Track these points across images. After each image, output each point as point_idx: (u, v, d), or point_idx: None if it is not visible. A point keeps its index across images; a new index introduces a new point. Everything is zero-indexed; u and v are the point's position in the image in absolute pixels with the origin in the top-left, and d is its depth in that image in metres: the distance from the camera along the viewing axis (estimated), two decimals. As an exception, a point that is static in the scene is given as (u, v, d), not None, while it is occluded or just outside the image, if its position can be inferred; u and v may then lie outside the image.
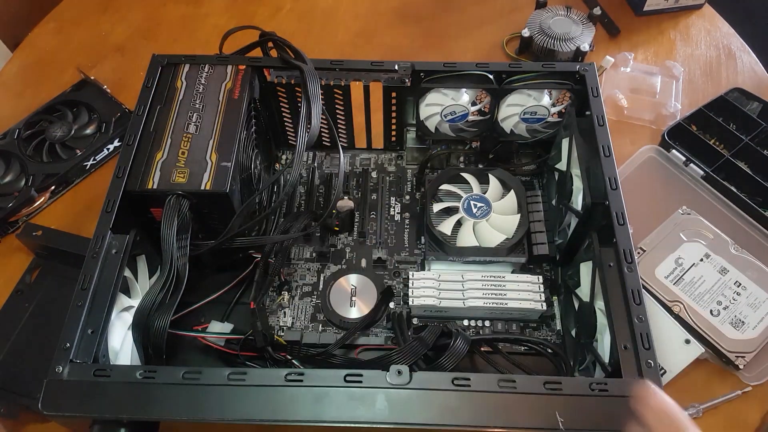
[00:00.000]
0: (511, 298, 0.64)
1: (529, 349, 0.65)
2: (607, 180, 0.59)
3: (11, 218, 0.78)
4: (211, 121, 0.64)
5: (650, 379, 0.48)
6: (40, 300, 0.71)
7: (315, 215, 0.72)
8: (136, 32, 1.02)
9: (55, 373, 0.49)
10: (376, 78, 0.70)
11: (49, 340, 0.50)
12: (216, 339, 0.64)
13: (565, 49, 0.91)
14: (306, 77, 0.66)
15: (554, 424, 0.46)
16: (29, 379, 0.64)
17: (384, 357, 0.56)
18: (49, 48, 1.00)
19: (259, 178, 0.73)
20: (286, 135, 0.81)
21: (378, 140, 0.80)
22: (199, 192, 0.60)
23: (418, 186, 0.78)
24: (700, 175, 0.79)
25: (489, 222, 0.69)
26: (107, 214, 0.58)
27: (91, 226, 0.57)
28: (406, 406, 0.47)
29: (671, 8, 1.02)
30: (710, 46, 0.98)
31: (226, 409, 0.47)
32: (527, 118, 0.71)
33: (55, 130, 0.84)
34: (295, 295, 0.69)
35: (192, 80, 0.68)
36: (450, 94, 0.69)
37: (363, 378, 0.48)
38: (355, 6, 1.05)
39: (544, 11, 0.96)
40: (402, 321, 0.64)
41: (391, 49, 0.99)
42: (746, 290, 0.69)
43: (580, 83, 0.68)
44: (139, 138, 0.63)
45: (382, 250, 0.72)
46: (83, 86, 0.90)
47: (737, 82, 0.92)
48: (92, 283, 0.53)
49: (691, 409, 0.64)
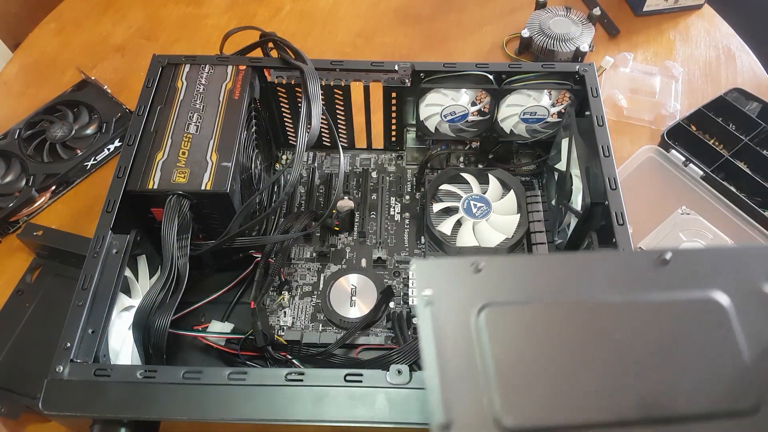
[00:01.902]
0: (511, 298, 0.64)
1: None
2: (607, 180, 0.59)
3: (12, 218, 0.78)
4: (211, 122, 0.64)
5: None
6: (40, 300, 0.71)
7: (315, 215, 0.72)
8: (137, 32, 1.02)
9: (55, 372, 0.49)
10: (376, 78, 0.70)
11: (49, 340, 0.50)
12: (216, 339, 0.64)
13: (565, 50, 0.91)
14: (306, 77, 0.66)
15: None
16: (30, 379, 0.64)
17: (384, 357, 0.56)
18: (49, 48, 1.00)
19: (260, 178, 0.73)
20: (286, 135, 0.81)
21: (378, 140, 0.80)
22: (199, 192, 0.60)
23: (418, 186, 0.78)
24: (699, 175, 0.79)
25: (489, 222, 0.69)
26: (108, 214, 0.58)
27: (91, 226, 0.57)
28: (406, 405, 0.47)
29: (671, 8, 1.02)
30: (710, 47, 0.98)
31: (226, 408, 0.47)
32: (527, 119, 0.71)
33: (56, 130, 0.84)
34: (295, 295, 0.70)
35: (192, 80, 0.68)
36: (450, 94, 0.70)
37: (363, 378, 0.48)
38: (355, 6, 1.05)
39: (544, 12, 0.97)
40: (402, 321, 0.64)
41: (391, 49, 0.99)
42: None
43: (580, 83, 0.68)
44: (140, 138, 0.63)
45: (382, 250, 0.72)
46: (84, 86, 0.90)
47: (737, 82, 0.92)
48: (93, 283, 0.54)
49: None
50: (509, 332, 0.36)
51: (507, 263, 0.39)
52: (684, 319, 0.37)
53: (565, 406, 0.34)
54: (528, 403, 0.34)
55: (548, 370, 0.35)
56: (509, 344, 0.36)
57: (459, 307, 0.37)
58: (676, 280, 0.38)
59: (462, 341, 0.36)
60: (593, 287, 0.38)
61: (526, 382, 0.35)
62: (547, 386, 0.35)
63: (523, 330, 0.36)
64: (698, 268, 0.38)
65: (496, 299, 0.37)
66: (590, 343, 0.36)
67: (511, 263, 0.39)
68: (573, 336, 0.37)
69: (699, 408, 0.34)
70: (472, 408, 0.34)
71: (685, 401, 0.34)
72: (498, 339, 0.36)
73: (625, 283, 0.38)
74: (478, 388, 0.35)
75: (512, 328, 0.36)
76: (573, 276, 0.38)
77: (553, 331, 0.37)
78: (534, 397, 0.34)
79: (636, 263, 0.39)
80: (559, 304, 0.37)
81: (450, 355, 0.35)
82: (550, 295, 0.37)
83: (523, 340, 0.36)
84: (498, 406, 0.34)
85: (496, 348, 0.35)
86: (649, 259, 0.38)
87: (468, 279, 0.38)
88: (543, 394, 0.35)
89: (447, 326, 0.36)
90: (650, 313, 0.37)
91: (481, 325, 0.36)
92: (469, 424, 0.34)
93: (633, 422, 0.34)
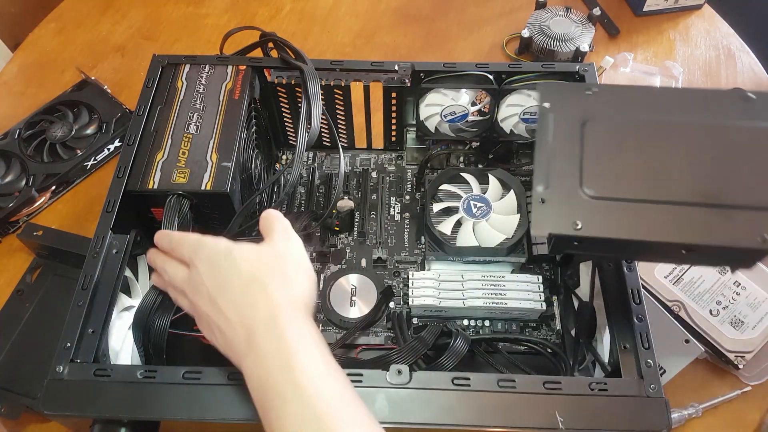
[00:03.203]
0: (511, 297, 0.64)
1: (528, 349, 0.65)
2: (607, 180, 0.59)
3: (12, 218, 0.78)
4: (211, 122, 0.64)
5: (650, 378, 0.48)
6: (40, 300, 0.71)
7: (315, 215, 0.72)
8: (137, 32, 1.02)
9: (55, 372, 0.49)
10: (376, 78, 0.70)
11: (49, 340, 0.51)
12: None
13: (565, 50, 0.91)
14: (306, 77, 0.66)
15: (554, 423, 0.46)
16: (30, 378, 0.64)
17: (384, 357, 0.56)
18: (49, 48, 1.00)
19: (259, 178, 0.73)
20: (286, 135, 0.81)
21: (378, 140, 0.80)
22: (199, 192, 0.60)
23: (418, 186, 0.78)
24: (699, 174, 0.79)
25: (489, 222, 0.69)
26: (108, 214, 0.58)
27: (91, 226, 0.57)
28: (406, 405, 0.47)
29: (671, 8, 1.02)
30: (710, 47, 0.98)
31: (226, 408, 0.47)
32: (527, 118, 0.71)
33: (56, 130, 0.84)
34: (295, 295, 0.69)
35: (192, 80, 0.68)
36: (450, 94, 0.70)
37: (363, 377, 0.48)
38: (355, 6, 1.05)
39: (544, 11, 0.97)
40: (402, 321, 0.64)
41: (391, 49, 0.99)
42: (746, 290, 0.69)
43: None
44: (140, 138, 0.63)
45: (382, 250, 0.72)
46: (84, 86, 0.90)
47: (737, 82, 0.92)
48: (93, 283, 0.54)
49: (691, 408, 0.64)
50: (601, 137, 0.47)
51: (612, 90, 0.51)
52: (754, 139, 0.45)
53: (633, 186, 0.44)
54: (604, 182, 0.45)
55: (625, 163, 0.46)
56: (599, 144, 0.47)
57: (569, 116, 0.48)
58: (753, 113, 0.46)
59: (567, 139, 0.47)
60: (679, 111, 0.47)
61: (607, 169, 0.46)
62: (622, 173, 0.45)
63: (612, 136, 0.47)
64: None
65: (597, 115, 0.48)
66: (665, 146, 0.45)
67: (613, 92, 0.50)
68: (651, 140, 0.46)
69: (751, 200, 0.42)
70: (565, 182, 0.45)
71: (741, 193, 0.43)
72: (592, 140, 0.47)
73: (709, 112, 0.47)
74: (572, 169, 0.46)
75: (604, 134, 0.47)
76: (663, 103, 0.48)
77: (635, 138, 0.47)
78: (610, 179, 0.45)
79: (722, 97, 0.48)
80: (644, 121, 0.47)
81: (557, 147, 0.47)
82: (640, 115, 0.47)
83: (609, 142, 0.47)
84: (584, 181, 0.45)
85: (590, 146, 0.46)
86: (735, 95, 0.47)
87: (580, 99, 0.49)
88: (617, 177, 0.45)
89: (558, 128, 0.48)
90: (725, 131, 0.45)
91: (584, 130, 0.47)
92: (561, 187, 0.45)
93: (690, 203, 0.43)
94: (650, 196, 0.44)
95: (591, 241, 0.44)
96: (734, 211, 0.42)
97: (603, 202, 0.44)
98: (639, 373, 0.49)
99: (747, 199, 0.42)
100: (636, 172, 0.45)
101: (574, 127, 0.47)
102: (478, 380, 0.48)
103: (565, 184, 0.45)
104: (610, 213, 0.44)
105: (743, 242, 0.40)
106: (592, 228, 0.43)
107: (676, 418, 0.63)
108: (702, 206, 0.42)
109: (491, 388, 0.48)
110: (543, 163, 0.46)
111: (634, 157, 0.46)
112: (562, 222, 0.44)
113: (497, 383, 0.48)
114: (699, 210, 0.42)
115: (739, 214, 0.42)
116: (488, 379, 0.48)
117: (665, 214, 0.43)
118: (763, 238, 0.40)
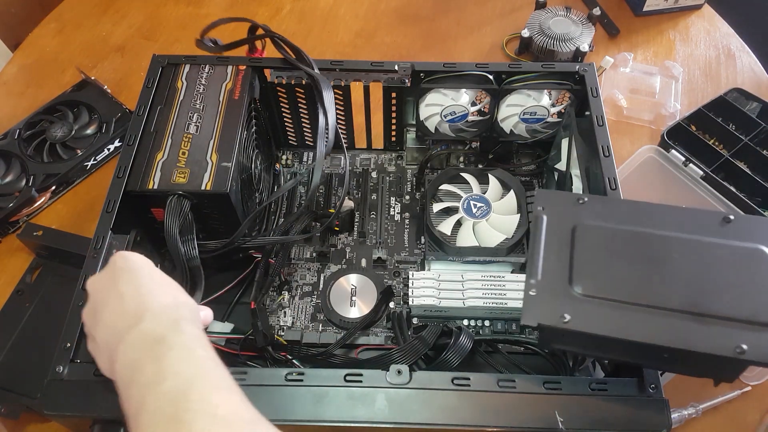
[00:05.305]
0: (511, 297, 0.64)
1: (528, 349, 0.65)
2: (607, 180, 0.59)
3: (12, 218, 0.78)
4: (211, 122, 0.64)
5: (650, 378, 0.49)
6: (40, 300, 0.71)
7: (315, 215, 0.72)
8: (137, 32, 1.02)
9: (55, 373, 0.49)
10: (376, 78, 0.70)
11: (49, 340, 0.51)
12: (216, 339, 0.64)
13: (565, 50, 0.91)
14: (321, 87, 0.65)
15: (554, 423, 0.46)
16: (30, 379, 0.64)
17: (384, 356, 0.56)
18: (49, 48, 1.00)
19: (260, 178, 0.73)
20: (286, 135, 0.81)
21: (378, 140, 0.80)
22: (199, 192, 0.60)
23: (418, 186, 0.78)
24: (699, 175, 0.79)
25: (489, 222, 0.69)
26: (108, 214, 0.58)
27: (91, 226, 0.57)
28: (406, 405, 0.47)
29: (671, 8, 1.02)
30: (709, 47, 0.98)
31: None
32: (527, 119, 0.71)
33: (56, 130, 0.84)
34: (295, 295, 0.69)
35: (192, 80, 0.68)
36: (450, 94, 0.70)
37: (363, 377, 0.48)
38: (355, 6, 1.05)
39: (544, 11, 0.97)
40: (402, 321, 0.64)
41: (391, 49, 0.99)
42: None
43: (580, 83, 0.68)
44: (140, 138, 0.63)
45: (382, 250, 0.72)
46: (84, 86, 0.90)
47: (736, 82, 0.92)
48: (93, 283, 0.53)
49: (691, 408, 0.64)
50: (590, 241, 0.50)
51: (600, 202, 0.54)
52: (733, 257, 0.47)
53: (619, 289, 0.47)
54: (593, 282, 0.47)
55: (612, 267, 0.48)
56: (588, 248, 0.49)
57: (562, 220, 0.51)
58: (732, 234, 0.48)
59: (558, 240, 0.50)
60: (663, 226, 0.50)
61: (595, 270, 0.48)
62: (609, 276, 0.48)
63: (601, 241, 0.50)
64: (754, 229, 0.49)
65: (587, 222, 0.51)
66: (649, 255, 0.48)
67: (603, 203, 0.54)
68: (637, 249, 0.49)
69: (730, 312, 0.44)
70: (556, 278, 0.48)
71: (720, 305, 0.44)
72: (582, 243, 0.49)
73: (691, 229, 0.49)
74: (563, 267, 0.48)
75: (593, 239, 0.50)
76: (649, 217, 0.51)
77: (621, 245, 0.49)
78: (598, 280, 0.48)
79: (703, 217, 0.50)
80: (630, 231, 0.50)
81: (549, 246, 0.50)
82: (626, 226, 0.50)
83: (598, 247, 0.49)
84: (574, 280, 0.47)
85: (579, 248, 0.49)
86: (715, 217, 0.50)
87: (571, 206, 0.52)
88: (604, 278, 0.48)
89: (551, 229, 0.51)
90: (706, 247, 0.48)
91: (575, 234, 0.50)
92: (552, 283, 0.48)
93: (673, 310, 0.45)
94: (635, 299, 0.46)
95: (577, 335, 0.46)
96: (713, 321, 0.44)
97: (591, 299, 0.46)
98: (639, 373, 0.49)
99: (725, 311, 0.44)
100: (623, 276, 0.47)
101: (566, 231, 0.50)
102: (478, 380, 0.48)
103: (556, 280, 0.48)
104: (598, 311, 0.46)
105: (720, 350, 0.42)
106: (579, 322, 0.45)
107: (676, 418, 0.63)
108: (684, 313, 0.44)
109: (491, 388, 0.48)
110: (536, 259, 0.49)
111: (621, 262, 0.48)
112: (551, 314, 0.46)
113: (497, 383, 0.48)
114: (681, 317, 0.44)
115: (718, 324, 0.44)
116: (488, 379, 0.48)
117: (650, 317, 0.45)
118: (740, 349, 0.42)
